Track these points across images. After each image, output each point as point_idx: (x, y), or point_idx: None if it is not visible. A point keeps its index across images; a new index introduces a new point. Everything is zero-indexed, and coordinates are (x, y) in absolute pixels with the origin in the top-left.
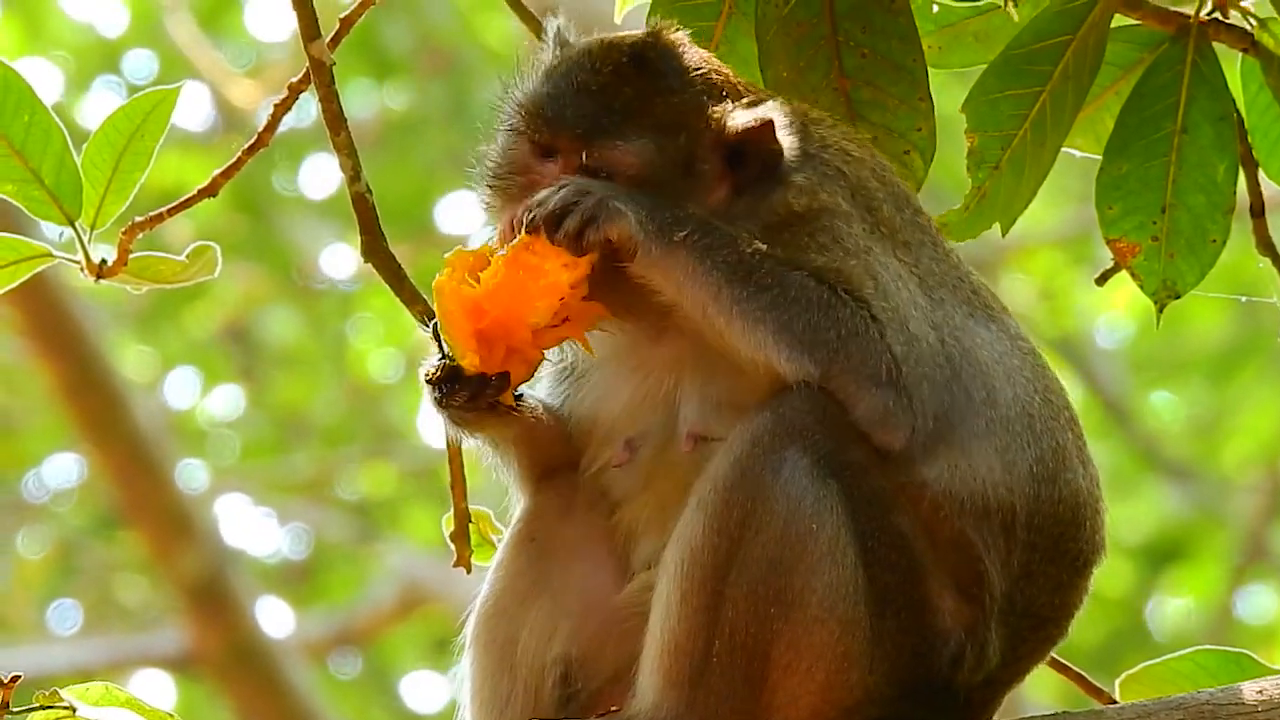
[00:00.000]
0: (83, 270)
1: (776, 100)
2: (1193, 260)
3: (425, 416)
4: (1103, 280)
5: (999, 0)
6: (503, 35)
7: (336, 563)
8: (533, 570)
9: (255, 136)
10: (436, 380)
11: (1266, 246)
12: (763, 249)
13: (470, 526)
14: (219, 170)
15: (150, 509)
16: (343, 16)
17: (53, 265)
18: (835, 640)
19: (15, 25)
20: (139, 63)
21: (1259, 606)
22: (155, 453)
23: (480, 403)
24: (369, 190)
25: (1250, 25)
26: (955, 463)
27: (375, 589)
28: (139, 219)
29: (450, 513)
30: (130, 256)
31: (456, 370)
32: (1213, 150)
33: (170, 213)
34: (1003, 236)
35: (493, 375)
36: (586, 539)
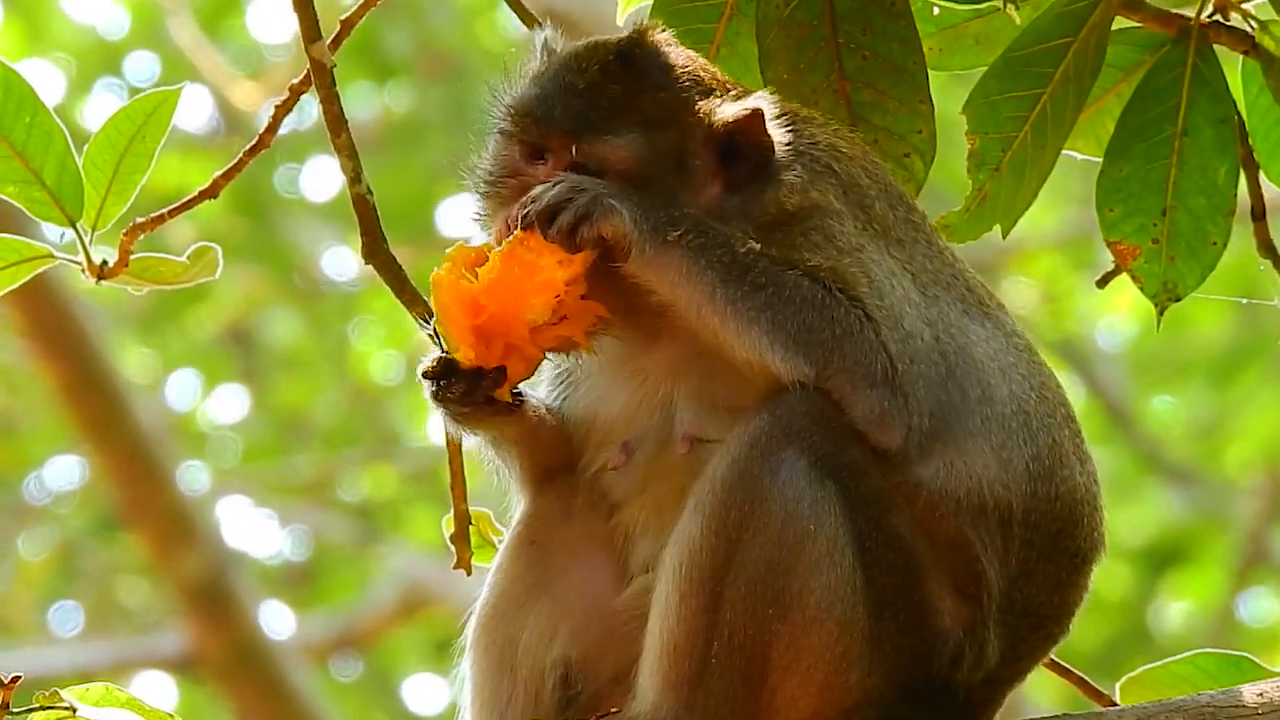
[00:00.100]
0: (84, 271)
1: (764, 93)
2: (1193, 263)
3: (432, 416)
4: (1103, 283)
5: (999, 2)
6: (504, 38)
7: (338, 564)
8: (532, 573)
9: (256, 138)
10: (433, 374)
11: (1267, 249)
12: (757, 249)
13: (470, 528)
14: (220, 172)
15: (151, 511)
16: (344, 18)
17: (54, 266)
18: (834, 641)
19: (17, 27)
20: (140, 65)
21: (1260, 609)
22: (156, 454)
23: (476, 396)
24: (370, 192)
25: (1251, 27)
26: (951, 461)
27: (376, 591)
28: (140, 220)
29: (451, 514)
30: (131, 258)
31: (452, 364)
32: (1213, 152)
33: (171, 214)
34: (1003, 238)
35: (489, 370)
36: (586, 541)
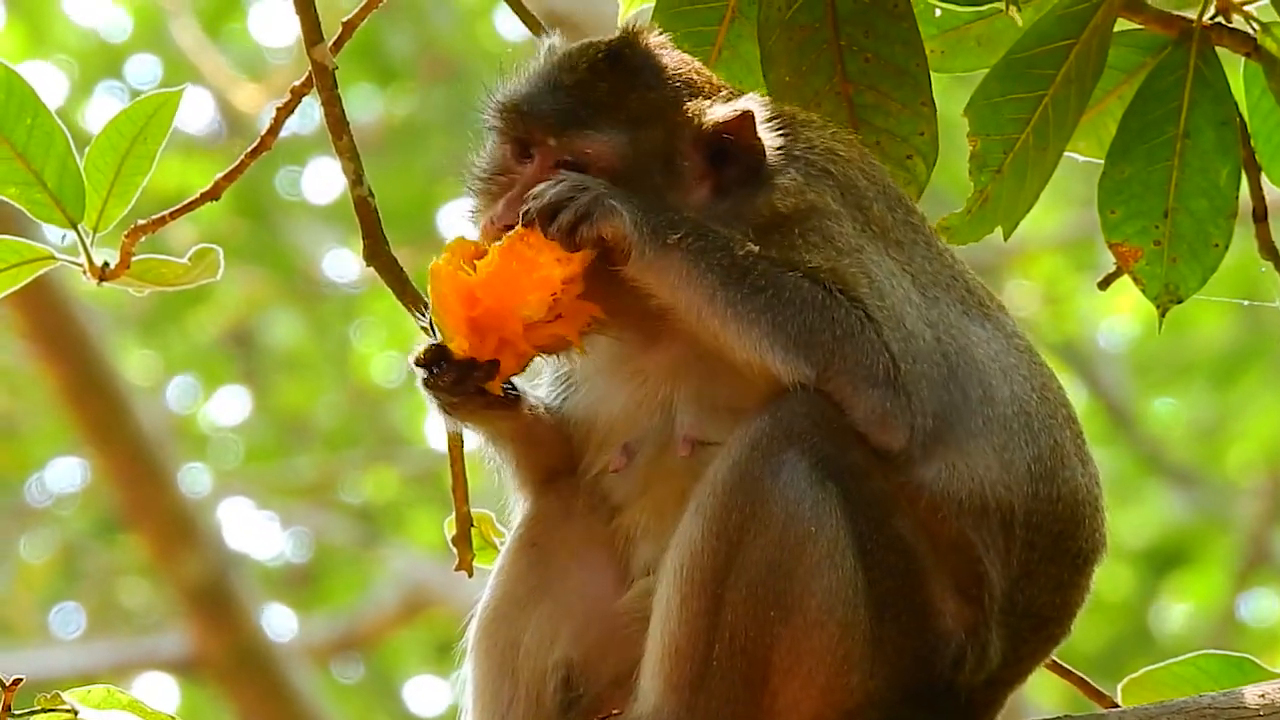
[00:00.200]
0: (85, 273)
1: (756, 95)
2: (1195, 264)
3: (430, 414)
4: (1105, 284)
5: (1001, 4)
6: (504, 40)
7: (339, 566)
8: (534, 575)
9: (258, 140)
10: (424, 361)
11: (1269, 251)
12: (756, 251)
13: (472, 530)
14: (222, 174)
15: (153, 513)
16: (345, 21)
17: (55, 268)
18: (835, 643)
19: (19, 29)
20: (142, 67)
21: (1262, 611)
22: (158, 456)
23: (467, 386)
24: (372, 195)
25: (1253, 29)
26: (953, 462)
27: (378, 593)
28: (141, 222)
29: (452, 516)
30: (133, 259)
31: (444, 351)
32: (1215, 154)
33: (173, 216)
34: (1005, 240)
35: (482, 362)
36: (587, 544)
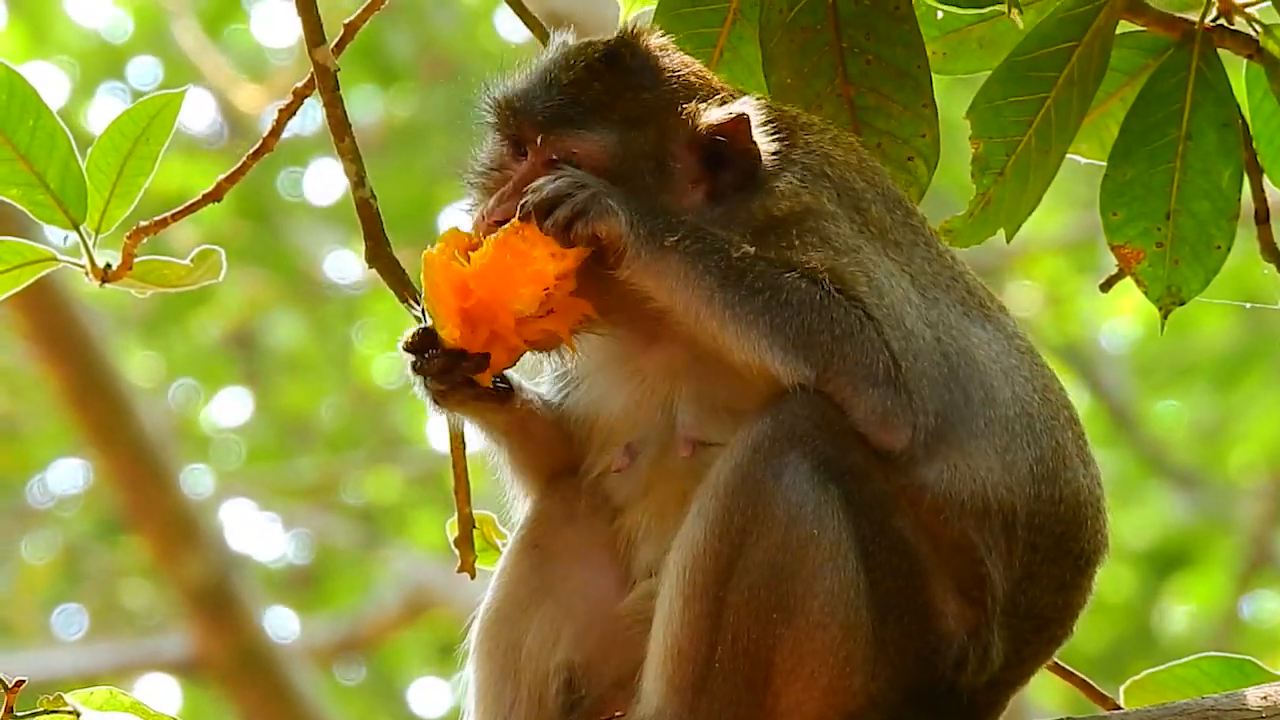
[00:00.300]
0: (87, 274)
1: (753, 98)
2: (1197, 266)
3: (430, 414)
4: (1107, 286)
5: (1003, 7)
6: (506, 41)
7: (341, 568)
8: (536, 577)
9: (260, 142)
10: (412, 347)
11: (1271, 252)
12: (754, 252)
13: (474, 531)
14: (224, 175)
15: (155, 514)
16: (347, 22)
17: (57, 270)
18: (838, 645)
19: (21, 30)
20: (144, 68)
21: (1264, 612)
22: (160, 458)
23: (455, 375)
24: (373, 196)
25: (1255, 31)
26: (955, 463)
27: (380, 594)
28: (144, 223)
29: (455, 518)
30: (135, 261)
31: (432, 335)
32: (1217, 156)
33: (175, 217)
34: (1007, 242)
35: (472, 354)
36: (590, 545)
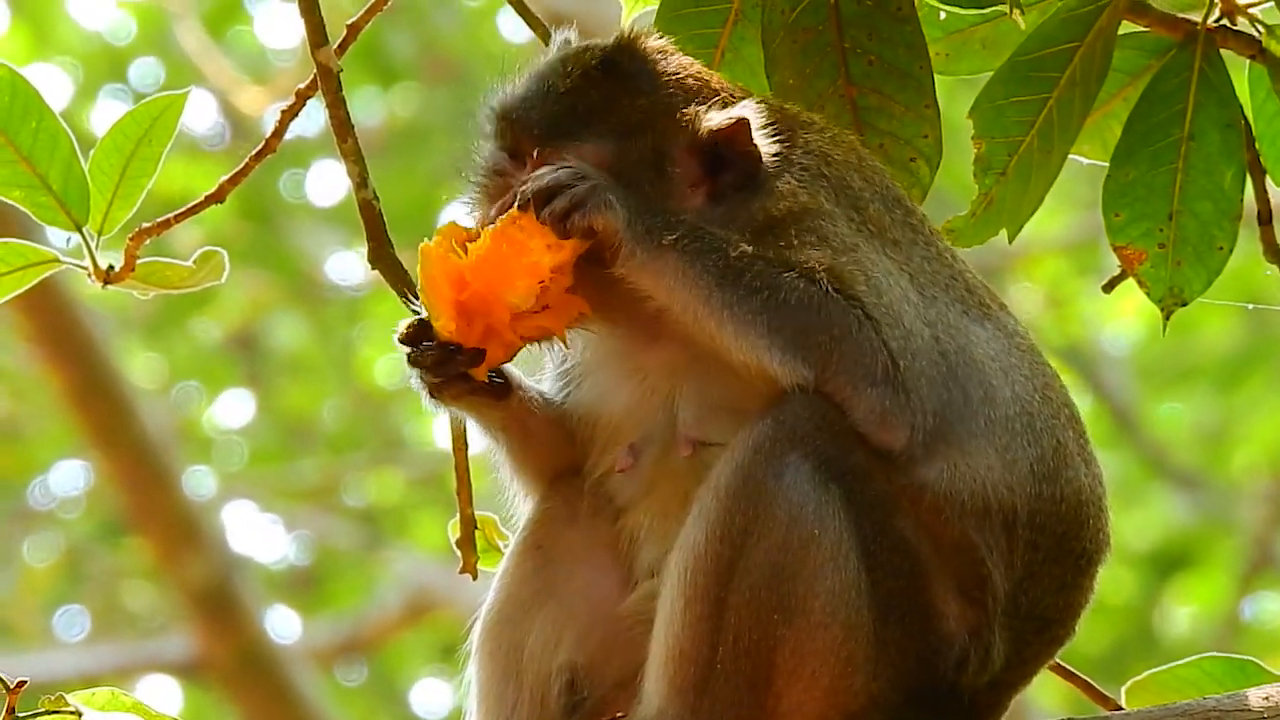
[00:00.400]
0: (90, 276)
1: (753, 100)
2: (1200, 267)
3: (432, 413)
4: (1109, 287)
5: (1006, 7)
6: (508, 42)
7: (343, 569)
8: (538, 577)
9: (263, 143)
10: (407, 337)
11: (1273, 253)
12: (751, 252)
13: (476, 532)
14: (226, 176)
15: (157, 515)
16: (350, 23)
17: (60, 271)
18: (839, 646)
19: (24, 32)
20: (146, 70)
21: (1266, 613)
22: (162, 459)
23: (449, 369)
24: (376, 197)
25: (1258, 32)
26: (955, 463)
27: (382, 595)
28: (146, 225)
29: (457, 519)
30: (137, 262)
31: (427, 327)
32: (1220, 157)
33: (178, 218)
34: (1009, 243)
35: (467, 348)
36: (592, 546)
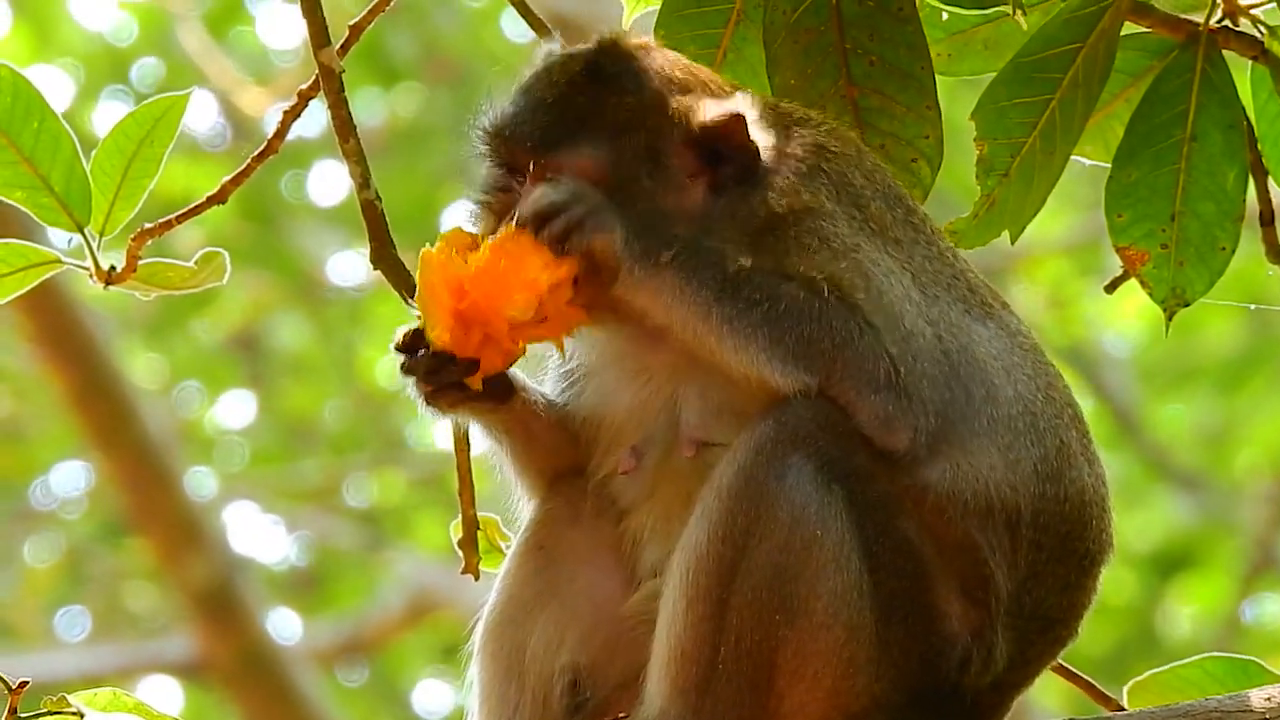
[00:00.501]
0: (92, 277)
1: (748, 94)
2: (1202, 268)
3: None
4: (1112, 288)
5: (1007, 8)
6: (509, 43)
7: (345, 570)
8: (541, 578)
9: (265, 144)
10: (403, 346)
11: (1276, 254)
12: (748, 265)
13: (478, 533)
14: (228, 177)
15: (158, 516)
16: (352, 24)
17: (61, 272)
18: (841, 646)
19: (25, 32)
20: (148, 70)
21: (1267, 614)
22: (164, 460)
23: (443, 378)
24: (378, 198)
25: (1260, 33)
26: (957, 462)
27: (384, 596)
28: (148, 226)
29: (459, 520)
30: (139, 263)
31: (422, 336)
32: (1222, 158)
33: (180, 219)
34: (1012, 244)
35: (463, 358)
36: (595, 546)
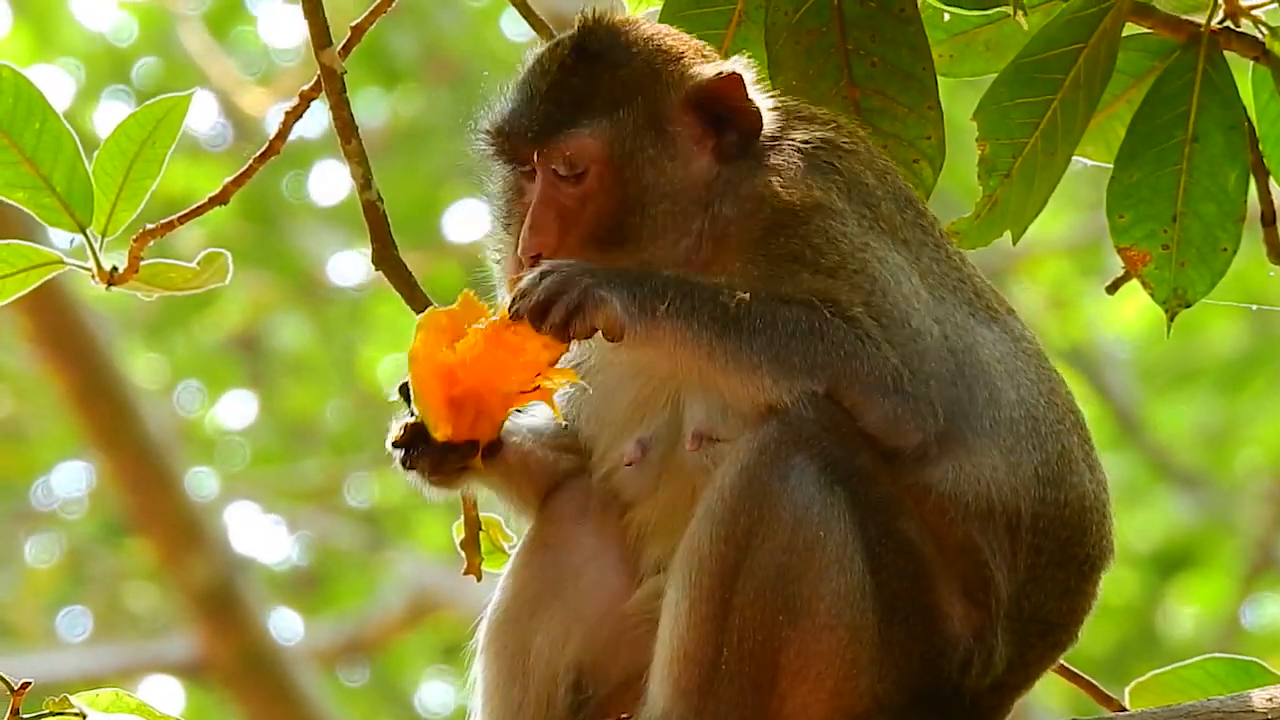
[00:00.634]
0: (94, 278)
1: (742, 57)
2: (1203, 269)
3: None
4: (1113, 288)
5: (1010, 9)
6: (511, 42)
7: (346, 570)
8: (545, 576)
9: (267, 144)
10: (402, 442)
11: (1277, 254)
12: (745, 296)
13: (481, 534)
14: (230, 178)
15: (160, 516)
16: (354, 24)
17: (63, 273)
18: (844, 647)
19: (26, 33)
20: (149, 70)
21: (1268, 615)
22: (165, 460)
23: (449, 467)
24: (380, 198)
25: (1261, 33)
26: (960, 463)
27: (385, 596)
28: (150, 226)
29: (461, 520)
30: (141, 264)
31: (421, 431)
32: (1224, 158)
33: (182, 220)
34: (1013, 245)
35: (459, 443)
36: (600, 543)
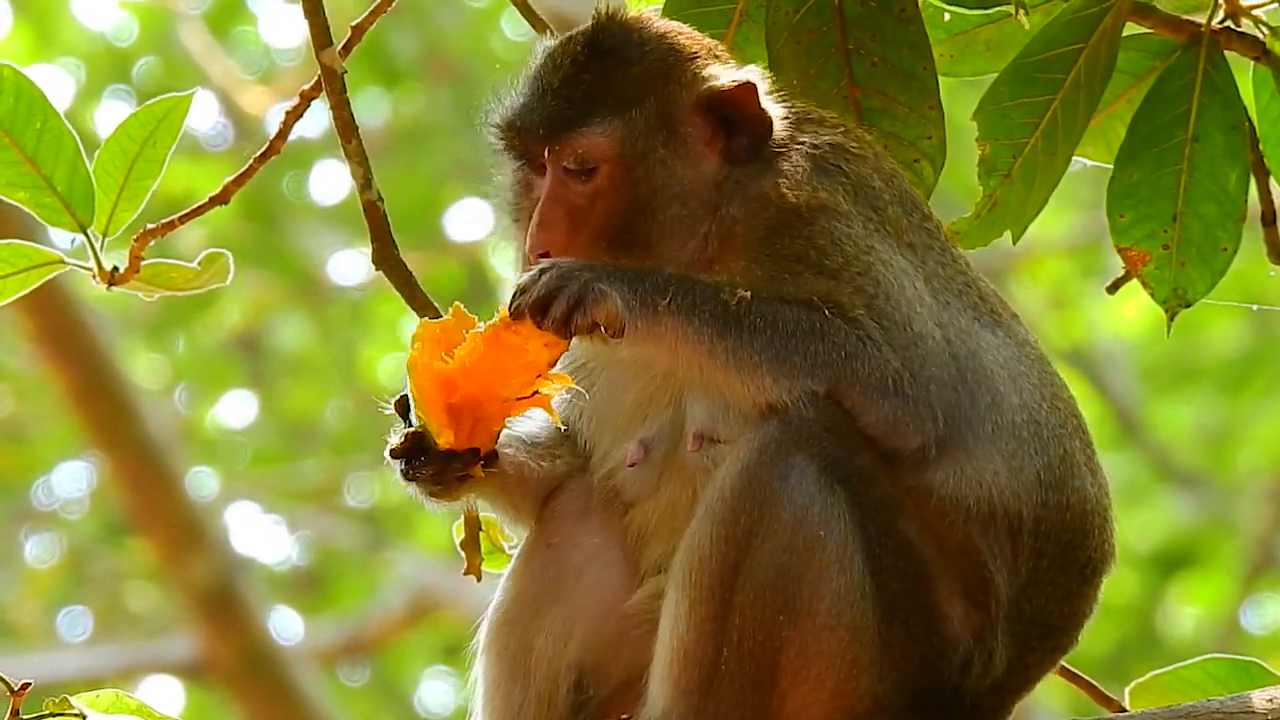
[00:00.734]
0: (94, 277)
1: (759, 68)
2: (1204, 269)
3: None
4: (1114, 288)
5: (1010, 8)
6: (511, 42)
7: (346, 570)
8: (547, 576)
9: (268, 144)
10: (401, 453)
11: (1277, 254)
12: (747, 294)
13: (481, 534)
14: (231, 178)
15: (160, 516)
16: (354, 24)
17: (64, 272)
18: (844, 647)
19: (27, 32)
20: (149, 70)
21: (1268, 615)
22: (165, 460)
23: (451, 475)
24: (380, 198)
25: (1262, 33)
26: (961, 466)
27: (385, 596)
28: (151, 226)
29: (461, 520)
30: (142, 264)
31: (421, 441)
32: (1224, 158)
33: (183, 220)
34: (1014, 245)
35: (460, 451)
36: (602, 541)
